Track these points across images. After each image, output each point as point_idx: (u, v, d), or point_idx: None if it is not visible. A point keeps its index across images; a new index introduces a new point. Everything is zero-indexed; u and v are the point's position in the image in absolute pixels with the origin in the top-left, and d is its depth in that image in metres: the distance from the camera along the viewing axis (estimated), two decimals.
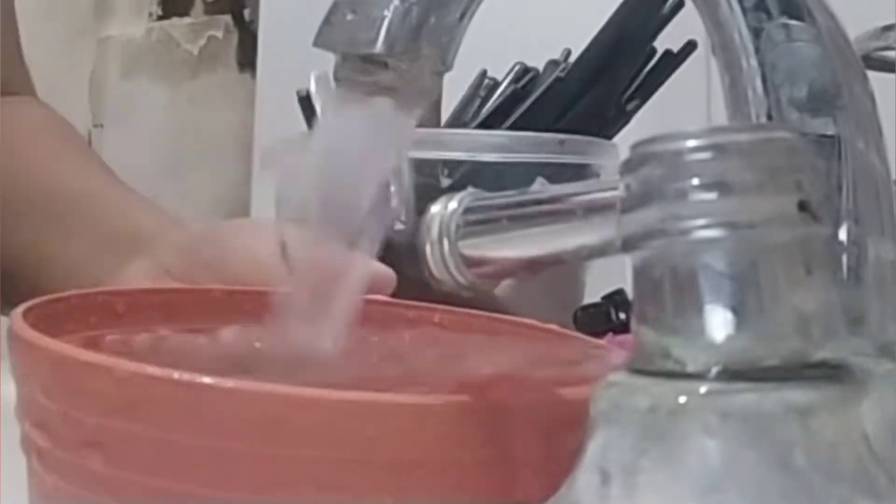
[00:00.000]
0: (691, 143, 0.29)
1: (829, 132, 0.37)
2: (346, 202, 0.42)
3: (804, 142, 0.29)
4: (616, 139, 0.91)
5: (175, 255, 0.62)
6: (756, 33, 0.38)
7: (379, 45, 0.40)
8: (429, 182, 0.81)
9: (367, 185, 0.42)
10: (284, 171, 0.46)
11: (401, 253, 0.55)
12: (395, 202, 0.45)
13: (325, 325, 0.42)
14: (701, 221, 0.29)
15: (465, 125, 0.92)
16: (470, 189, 0.41)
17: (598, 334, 0.60)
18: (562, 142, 0.84)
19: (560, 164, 0.84)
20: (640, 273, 0.30)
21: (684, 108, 1.09)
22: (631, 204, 0.30)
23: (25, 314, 0.41)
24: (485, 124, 0.91)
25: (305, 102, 0.91)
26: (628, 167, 0.30)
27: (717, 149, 0.29)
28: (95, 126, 1.94)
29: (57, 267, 0.71)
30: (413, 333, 0.51)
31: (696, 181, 0.29)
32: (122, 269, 0.64)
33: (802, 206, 0.29)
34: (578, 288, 0.86)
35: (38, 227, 0.72)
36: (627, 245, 0.30)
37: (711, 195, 0.29)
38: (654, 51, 0.92)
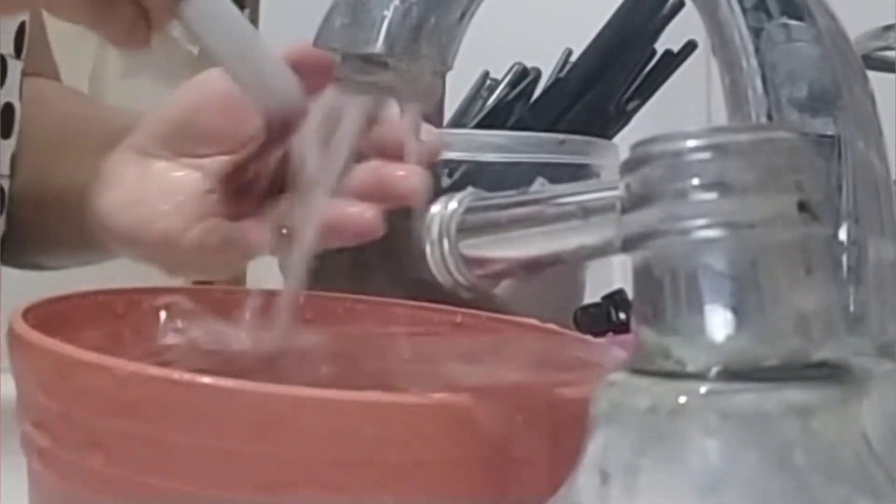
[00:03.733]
0: (691, 143, 0.29)
1: (829, 132, 0.37)
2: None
3: (804, 142, 0.29)
4: (616, 139, 0.91)
5: (149, 133, 0.63)
6: (756, 33, 0.38)
7: (379, 45, 0.40)
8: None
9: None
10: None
11: (401, 253, 0.55)
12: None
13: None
14: (701, 221, 0.29)
15: (466, 125, 0.92)
16: (470, 189, 0.41)
17: (598, 334, 0.60)
18: (562, 142, 0.84)
19: (560, 164, 0.84)
20: (640, 273, 0.30)
21: (684, 108, 1.09)
22: (631, 204, 0.30)
23: (25, 314, 0.41)
24: (485, 124, 0.91)
25: None
26: (628, 167, 0.30)
27: (717, 149, 0.29)
28: None
29: (54, 179, 0.72)
30: (412, 334, 0.51)
31: (696, 181, 0.29)
32: (104, 163, 0.65)
33: (802, 207, 0.29)
34: (578, 288, 0.86)
35: (43, 150, 0.75)
36: (627, 245, 0.30)
37: (711, 195, 0.29)
38: (654, 51, 0.92)
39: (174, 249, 0.59)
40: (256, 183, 0.60)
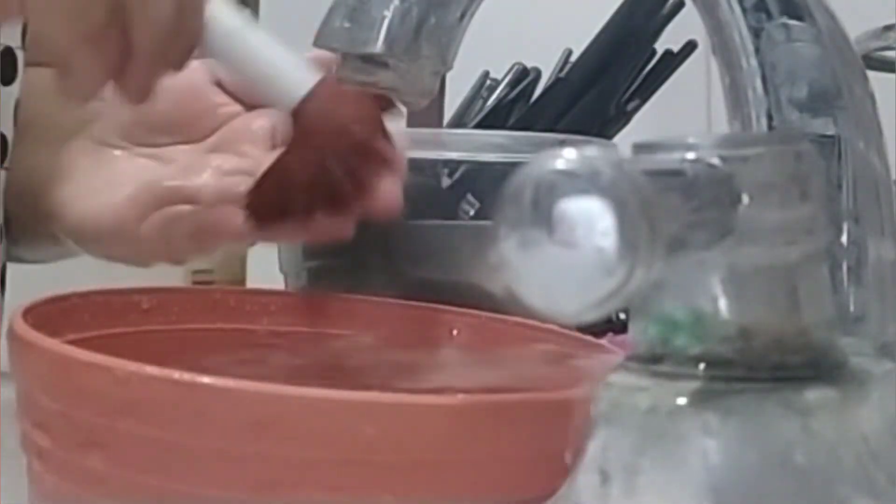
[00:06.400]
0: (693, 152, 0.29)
1: (829, 132, 0.37)
2: None
3: (810, 150, 0.29)
4: (616, 139, 0.91)
5: (108, 124, 0.62)
6: (756, 33, 0.38)
7: (379, 45, 0.40)
8: (429, 182, 0.81)
9: None
10: None
11: (405, 252, 0.55)
12: None
13: None
14: (704, 227, 0.29)
15: (466, 126, 0.92)
16: None
17: (598, 334, 0.60)
18: (562, 142, 0.84)
19: None
20: None
21: (684, 108, 1.09)
22: None
23: (25, 314, 0.41)
24: (485, 124, 0.91)
25: None
26: None
27: (723, 157, 0.29)
28: None
29: (18, 167, 0.71)
30: (411, 334, 0.51)
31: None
32: (61, 152, 0.64)
33: (805, 213, 0.29)
34: None
35: (31, 147, 0.74)
36: None
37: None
38: (654, 51, 0.92)
39: (130, 240, 0.58)
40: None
